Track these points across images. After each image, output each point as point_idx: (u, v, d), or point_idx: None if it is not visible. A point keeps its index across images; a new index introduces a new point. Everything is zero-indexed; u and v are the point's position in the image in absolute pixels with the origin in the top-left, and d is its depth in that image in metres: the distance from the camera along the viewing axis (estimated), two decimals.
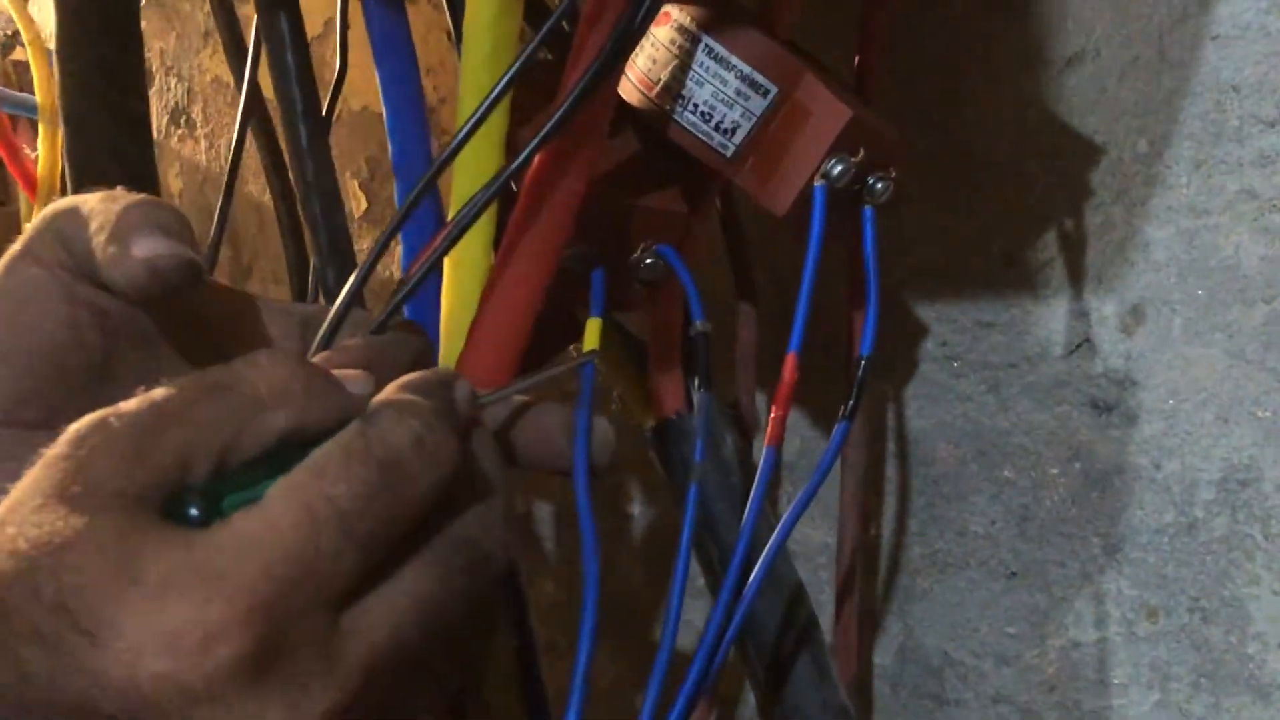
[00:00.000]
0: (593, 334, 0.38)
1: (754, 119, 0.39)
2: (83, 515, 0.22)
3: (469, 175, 0.40)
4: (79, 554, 0.21)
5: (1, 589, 0.21)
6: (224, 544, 0.22)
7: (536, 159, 0.36)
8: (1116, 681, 0.52)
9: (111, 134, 0.45)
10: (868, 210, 0.40)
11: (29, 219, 0.78)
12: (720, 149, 0.40)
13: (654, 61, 0.40)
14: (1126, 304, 0.50)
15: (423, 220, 0.43)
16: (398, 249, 0.46)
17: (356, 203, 0.72)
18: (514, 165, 0.34)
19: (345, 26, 0.52)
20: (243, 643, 0.21)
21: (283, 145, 0.44)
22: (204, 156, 0.79)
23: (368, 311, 0.33)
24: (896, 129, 0.41)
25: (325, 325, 0.31)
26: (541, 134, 0.34)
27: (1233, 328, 0.48)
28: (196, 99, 0.78)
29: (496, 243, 0.41)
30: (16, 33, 0.79)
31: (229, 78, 0.77)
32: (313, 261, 0.42)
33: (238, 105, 0.76)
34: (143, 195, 0.29)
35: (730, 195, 0.50)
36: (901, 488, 0.57)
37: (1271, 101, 0.46)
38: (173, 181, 0.81)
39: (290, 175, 0.43)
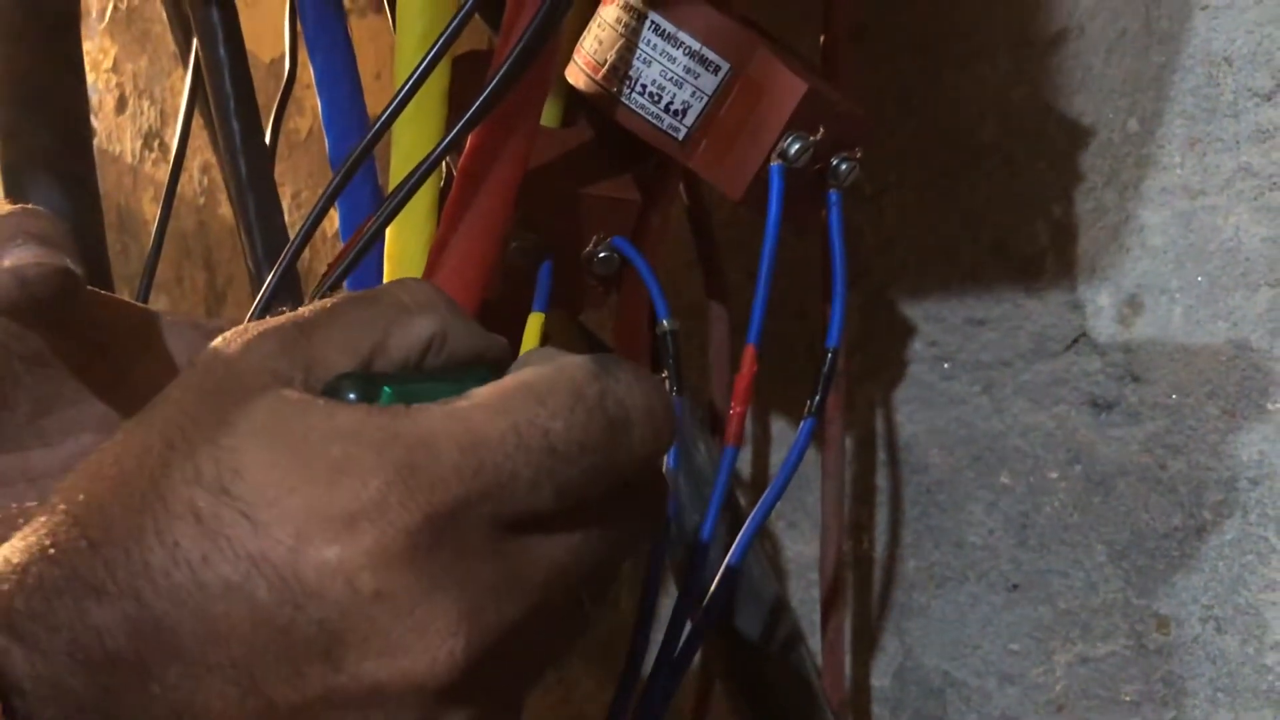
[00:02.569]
0: (532, 331, 0.35)
1: (705, 98, 0.36)
2: (241, 398, 0.20)
3: (406, 152, 0.38)
4: (239, 435, 0.20)
5: (158, 469, 0.20)
6: (413, 431, 0.20)
7: (469, 143, 0.34)
8: (1128, 699, 0.48)
9: (49, 146, 0.44)
10: (833, 194, 0.37)
11: None
12: (671, 131, 0.37)
13: (600, 43, 0.38)
14: (1123, 294, 0.47)
15: (359, 196, 0.41)
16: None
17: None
18: (442, 145, 0.32)
19: (295, 38, 0.50)
20: (419, 540, 0.20)
21: (218, 153, 0.42)
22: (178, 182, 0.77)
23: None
24: (862, 107, 0.38)
25: (258, 299, 0.30)
26: (471, 111, 0.32)
27: (1236, 314, 0.45)
28: (169, 122, 0.77)
29: None
30: None
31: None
32: (248, 266, 0.40)
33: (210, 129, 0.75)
34: (19, 205, 0.28)
35: (697, 190, 0.47)
36: (893, 498, 0.54)
37: (1266, 72, 0.43)
38: (147, 206, 0.79)
39: (222, 177, 0.41)
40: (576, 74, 0.39)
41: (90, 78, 0.80)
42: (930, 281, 0.52)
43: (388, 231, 0.39)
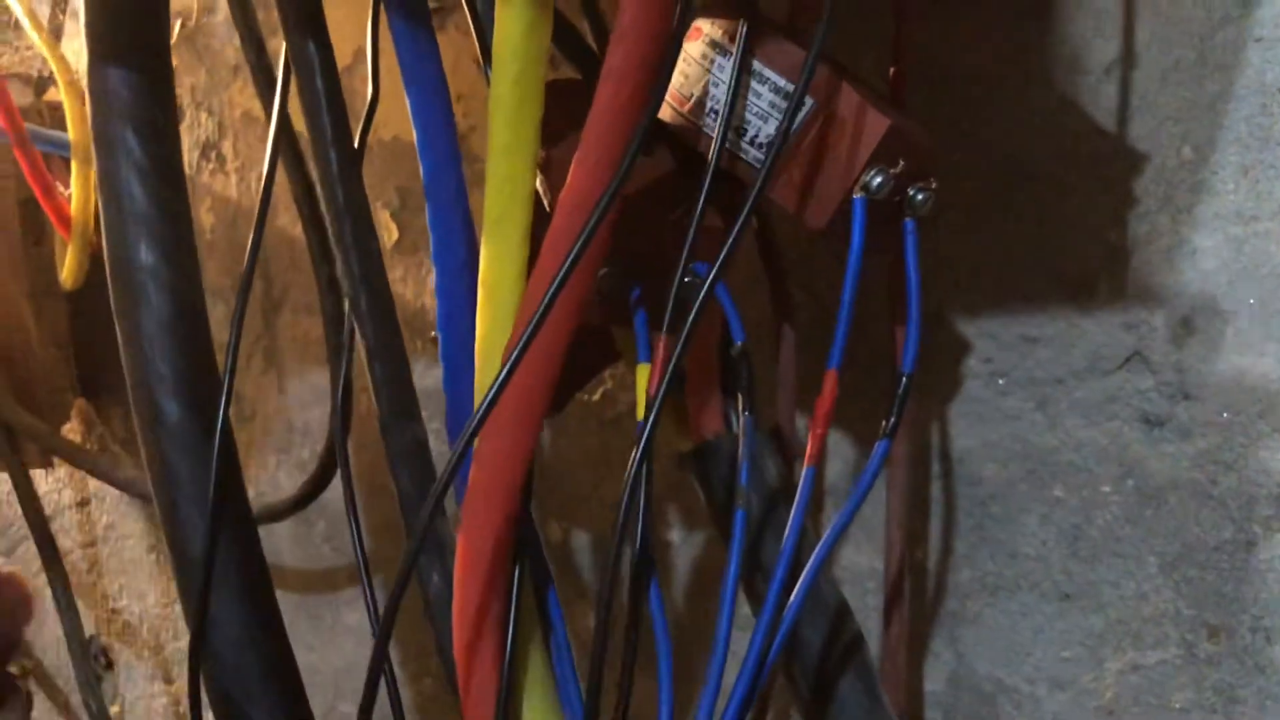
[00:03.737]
0: (641, 383, 0.37)
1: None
2: None
3: (501, 195, 0.40)
4: None
5: None
6: None
7: (573, 176, 0.36)
8: (1178, 706, 0.50)
9: (143, 165, 0.45)
10: (909, 222, 0.39)
11: (62, 259, 0.79)
12: (755, 163, 0.39)
13: (685, 77, 0.40)
14: (1176, 314, 0.49)
15: (454, 243, 0.42)
16: (430, 277, 0.45)
17: (388, 232, 0.72)
18: (596, 215, 0.34)
19: (376, 55, 0.52)
20: None
21: (314, 174, 0.44)
22: (235, 190, 0.79)
23: None
24: (933, 138, 0.40)
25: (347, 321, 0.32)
26: (618, 179, 0.34)
27: None
28: (227, 133, 0.79)
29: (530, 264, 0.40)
30: (50, 74, 0.80)
31: (259, 112, 0.77)
32: (345, 289, 0.42)
33: (268, 139, 0.77)
34: None
35: (766, 212, 0.49)
36: (948, 509, 0.55)
37: None
38: (204, 216, 0.81)
39: (322, 203, 0.43)
40: (663, 106, 0.41)
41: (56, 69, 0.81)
42: (985, 300, 0.53)
43: (482, 257, 0.40)
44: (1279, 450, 0.47)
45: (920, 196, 0.39)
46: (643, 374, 0.38)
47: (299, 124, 0.53)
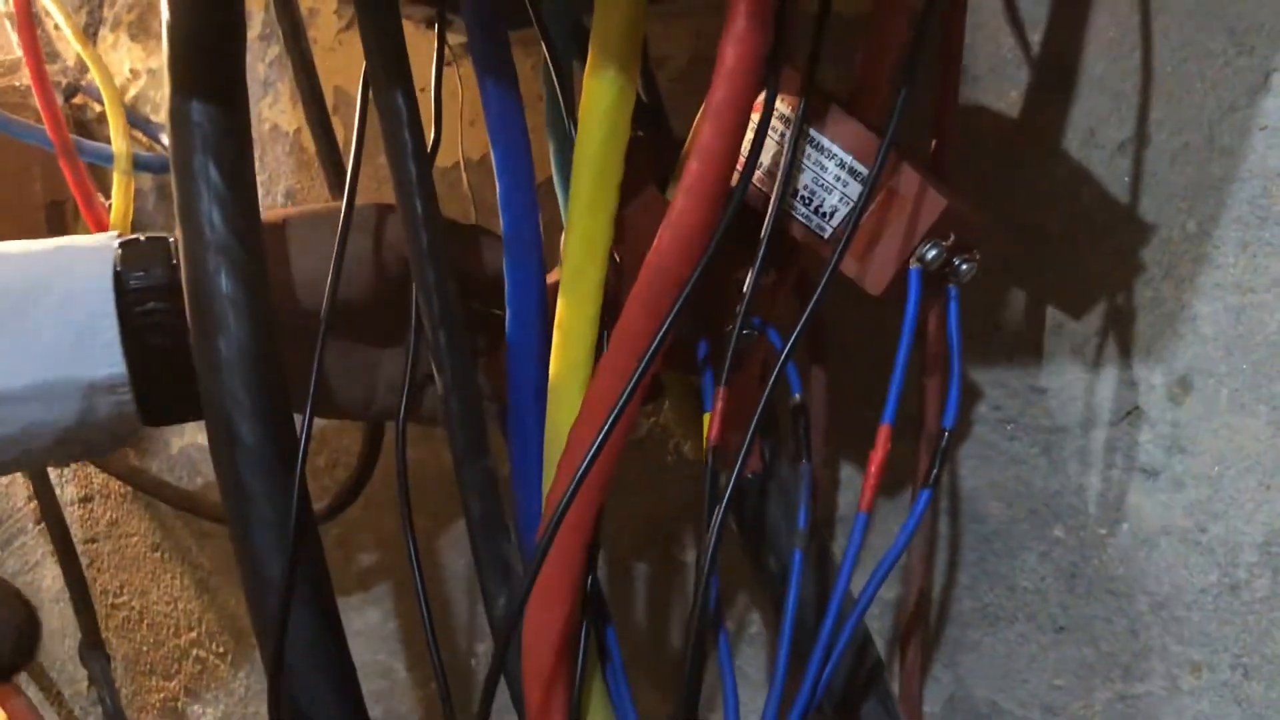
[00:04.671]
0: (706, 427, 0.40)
1: (851, 203, 0.42)
2: None
3: (580, 249, 0.43)
4: None
5: None
6: None
7: (662, 238, 0.39)
8: None
9: (223, 195, 0.47)
10: (952, 289, 0.43)
11: None
12: (818, 230, 0.42)
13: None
14: (1175, 374, 0.53)
15: (529, 286, 0.45)
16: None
17: None
18: (678, 305, 0.37)
19: (439, 98, 0.55)
20: None
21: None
22: (262, 203, 0.80)
23: None
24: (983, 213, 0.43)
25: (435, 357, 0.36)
26: (704, 260, 0.37)
27: (1276, 400, 0.51)
28: (255, 146, 0.80)
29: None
30: (76, 82, 0.81)
31: (287, 126, 0.79)
32: (426, 329, 0.45)
33: (295, 154, 0.79)
34: None
35: (806, 265, 0.52)
36: (953, 543, 0.59)
37: None
38: None
39: (408, 249, 0.45)
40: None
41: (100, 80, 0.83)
42: (998, 352, 0.57)
43: (560, 304, 0.43)
44: (1264, 503, 0.51)
45: (965, 266, 0.42)
46: (707, 423, 0.41)
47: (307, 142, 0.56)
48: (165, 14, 0.50)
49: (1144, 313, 0.54)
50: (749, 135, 0.42)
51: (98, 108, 0.84)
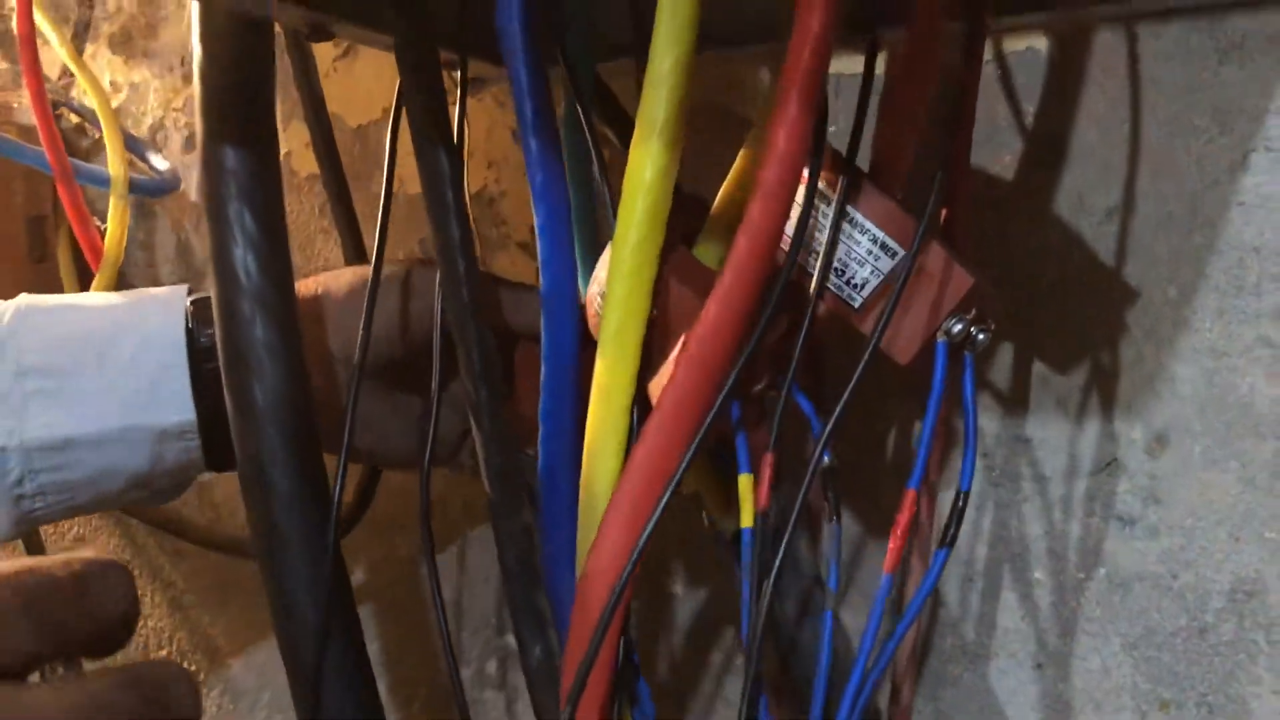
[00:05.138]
0: (745, 490, 0.42)
1: (881, 276, 0.44)
2: None
3: (622, 311, 0.44)
4: None
5: None
6: None
7: (708, 318, 0.41)
8: None
9: (257, 242, 0.48)
10: (968, 356, 0.45)
11: (68, 277, 0.79)
12: (849, 300, 0.44)
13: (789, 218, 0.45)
14: (1152, 430, 0.57)
15: (565, 343, 0.47)
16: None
17: None
18: (733, 379, 0.39)
19: (463, 129, 0.55)
20: None
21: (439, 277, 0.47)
22: None
23: None
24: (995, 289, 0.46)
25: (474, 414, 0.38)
26: (756, 340, 0.39)
27: (1246, 458, 0.55)
28: None
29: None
30: (57, 96, 0.80)
31: (283, 145, 0.79)
32: (465, 383, 0.46)
33: (284, 174, 0.79)
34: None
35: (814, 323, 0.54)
36: (938, 583, 0.62)
37: None
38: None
39: (448, 304, 0.46)
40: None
41: (158, 113, 0.82)
42: (986, 402, 0.60)
43: (599, 363, 0.45)
44: (1233, 554, 0.55)
45: (981, 336, 0.45)
46: (745, 483, 0.43)
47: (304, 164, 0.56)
48: (198, 58, 0.50)
49: (1126, 371, 0.57)
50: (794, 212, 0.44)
51: (74, 119, 0.83)
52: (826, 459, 0.44)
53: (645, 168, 0.43)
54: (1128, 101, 0.56)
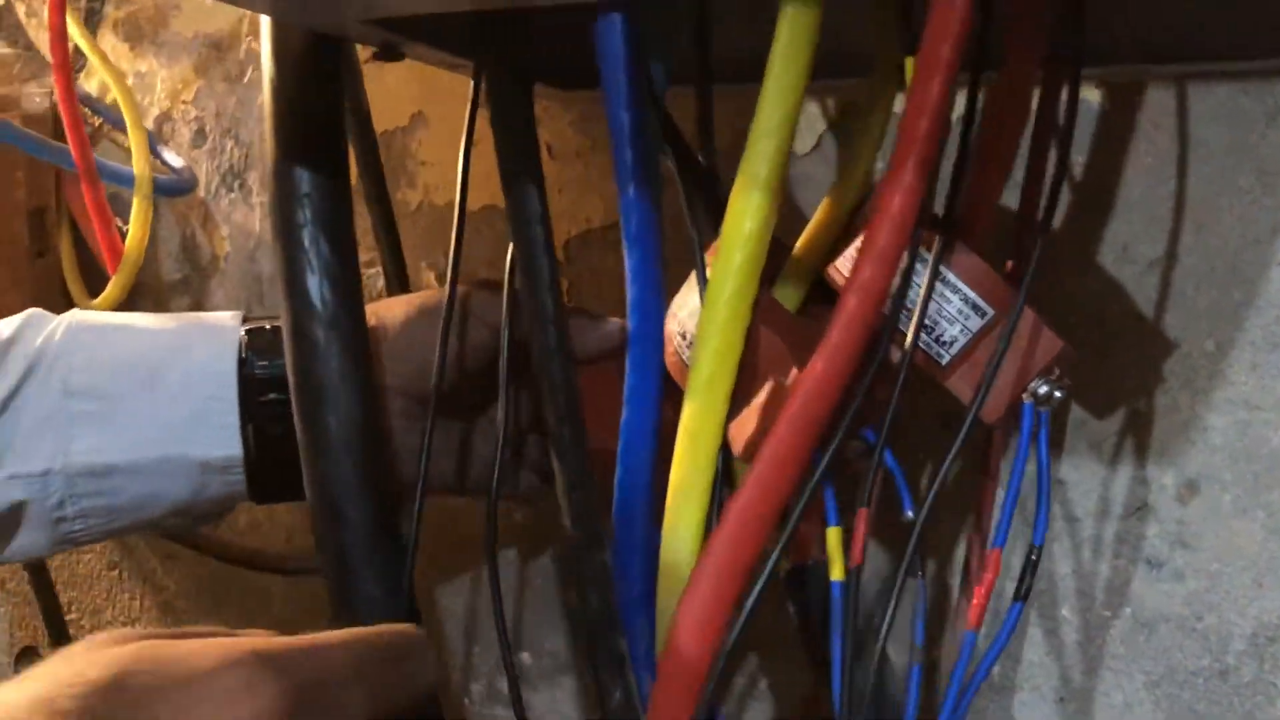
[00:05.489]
0: (834, 543, 0.42)
1: (970, 335, 0.45)
2: None
3: (714, 360, 0.44)
4: None
5: None
6: None
7: (819, 369, 0.41)
8: None
9: (333, 270, 0.47)
10: (1044, 414, 0.46)
11: (70, 272, 0.77)
12: (936, 357, 0.45)
13: None
14: (1184, 477, 0.59)
15: (648, 389, 0.46)
16: None
17: None
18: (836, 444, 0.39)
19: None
20: None
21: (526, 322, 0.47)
22: (258, 224, 0.78)
23: None
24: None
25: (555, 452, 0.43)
26: (859, 398, 0.39)
27: (1273, 508, 0.57)
28: (255, 166, 0.78)
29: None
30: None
31: None
32: (550, 423, 0.45)
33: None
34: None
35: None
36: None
37: None
38: (220, 244, 0.80)
39: (533, 344, 0.46)
40: (837, 283, 0.46)
41: (165, 105, 0.80)
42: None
43: (687, 408, 0.45)
44: (1256, 599, 0.57)
45: (1058, 394, 0.46)
46: (834, 537, 0.44)
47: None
48: (270, 77, 0.49)
49: (1161, 419, 0.59)
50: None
51: (94, 116, 0.80)
52: (908, 513, 0.45)
53: (746, 220, 0.43)
54: (1175, 157, 0.58)
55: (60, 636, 0.81)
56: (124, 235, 0.67)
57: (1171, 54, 0.55)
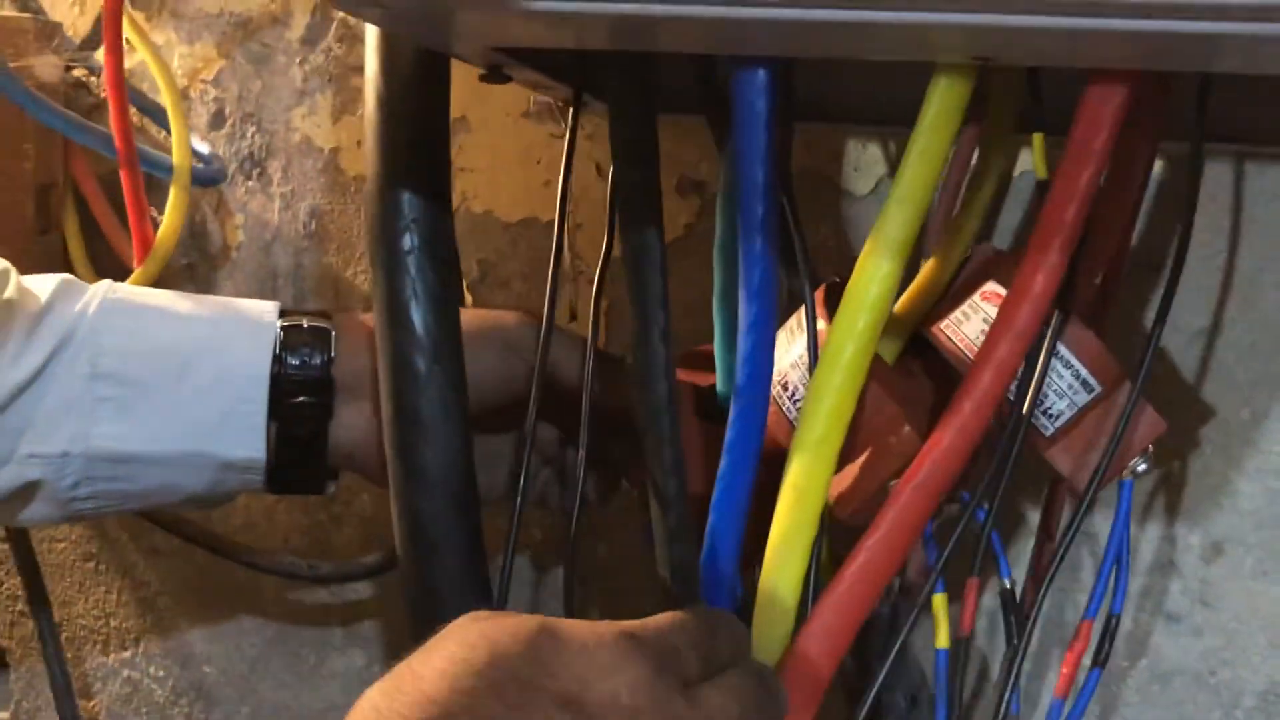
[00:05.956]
0: (940, 608, 0.43)
1: (1076, 409, 0.46)
2: None
3: (827, 420, 0.44)
4: None
5: None
6: None
7: (947, 440, 0.41)
8: None
9: (435, 292, 0.46)
10: (1128, 482, 0.48)
11: (76, 251, 0.73)
12: (1041, 429, 0.46)
13: (984, 334, 0.46)
14: (1210, 538, 0.61)
15: (749, 439, 0.46)
16: None
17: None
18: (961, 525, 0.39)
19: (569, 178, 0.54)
20: None
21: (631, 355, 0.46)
22: (277, 215, 0.75)
23: None
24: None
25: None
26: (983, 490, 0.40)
27: None
28: (278, 154, 0.75)
29: None
30: (77, 57, 0.73)
31: (322, 143, 0.75)
32: (656, 476, 0.45)
33: (329, 173, 0.75)
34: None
35: None
36: (985, 660, 0.65)
37: None
38: (233, 233, 0.77)
39: (638, 387, 0.45)
40: (949, 345, 0.47)
41: (183, 83, 0.76)
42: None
43: (795, 465, 0.45)
44: (1270, 658, 0.60)
45: (1143, 467, 0.47)
46: (940, 603, 0.44)
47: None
48: (377, 95, 0.47)
49: (1193, 481, 0.61)
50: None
51: (79, 74, 0.76)
52: (1006, 581, 0.46)
53: (873, 285, 0.43)
54: (1227, 232, 0.60)
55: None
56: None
57: (1233, 134, 0.57)
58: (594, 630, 0.35)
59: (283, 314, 0.55)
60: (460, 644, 0.34)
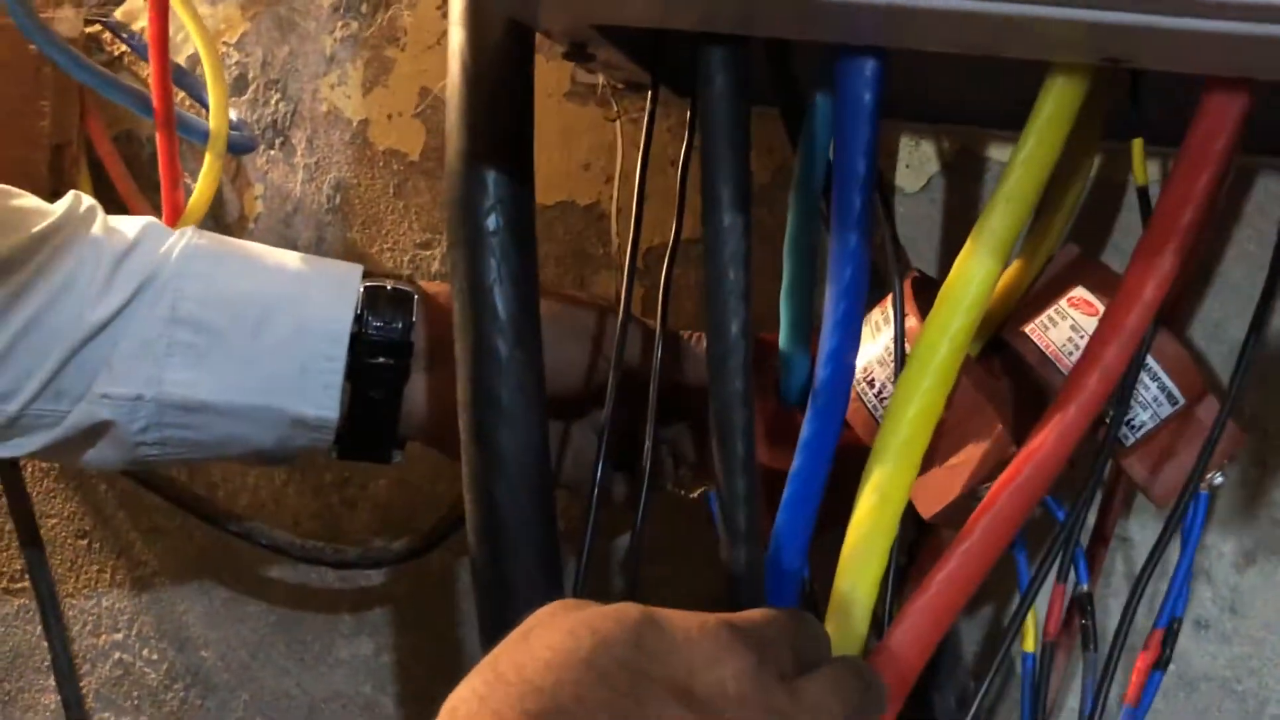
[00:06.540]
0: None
1: (1158, 420, 0.46)
2: None
3: (914, 423, 0.44)
4: None
5: None
6: None
7: (1049, 444, 0.41)
8: None
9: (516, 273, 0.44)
10: (1205, 495, 0.48)
11: None
12: (1121, 438, 0.46)
13: (1074, 344, 0.46)
14: (1243, 548, 0.62)
15: (826, 436, 0.45)
16: None
17: None
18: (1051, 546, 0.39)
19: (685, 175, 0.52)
20: None
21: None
22: (300, 188, 0.73)
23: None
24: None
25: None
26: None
27: None
28: (302, 124, 0.72)
29: None
30: (100, 12, 0.70)
31: (351, 114, 0.72)
32: (719, 478, 0.44)
33: (356, 146, 0.72)
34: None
35: None
36: (1011, 661, 0.65)
37: None
38: (252, 203, 0.74)
39: (711, 393, 0.44)
40: (1032, 350, 0.47)
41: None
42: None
43: (878, 467, 0.44)
44: None
45: (1219, 480, 0.47)
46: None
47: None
48: (462, 62, 0.46)
49: (1230, 491, 0.62)
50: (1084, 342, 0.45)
51: (95, 29, 0.73)
52: (1083, 585, 0.46)
53: (972, 286, 0.42)
54: (1273, 244, 0.60)
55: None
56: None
57: None
58: (698, 619, 0.35)
59: (366, 274, 0.54)
60: (562, 632, 0.33)
